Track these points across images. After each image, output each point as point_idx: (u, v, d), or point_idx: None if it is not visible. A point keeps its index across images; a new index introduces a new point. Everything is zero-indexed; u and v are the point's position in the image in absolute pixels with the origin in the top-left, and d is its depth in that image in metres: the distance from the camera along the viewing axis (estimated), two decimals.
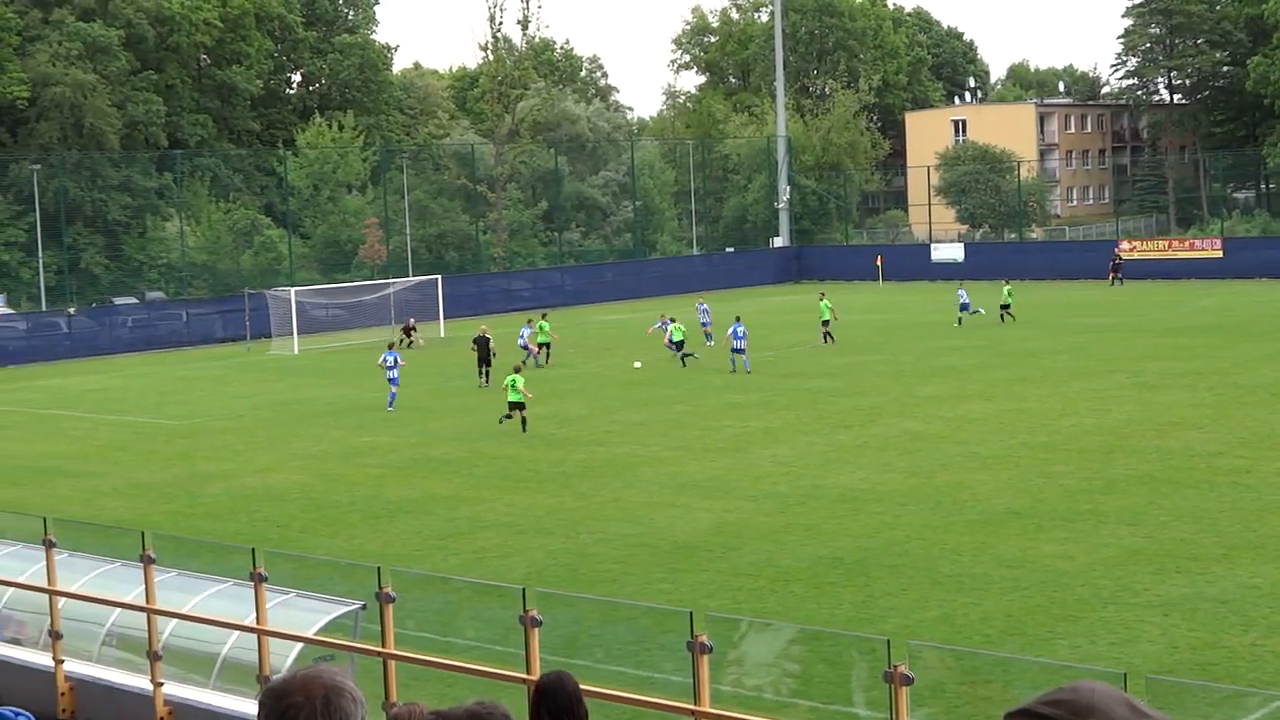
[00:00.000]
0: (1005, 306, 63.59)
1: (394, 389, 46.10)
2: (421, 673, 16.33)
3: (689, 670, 12.71)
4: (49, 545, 17.41)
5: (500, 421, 41.15)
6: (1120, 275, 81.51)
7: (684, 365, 52.59)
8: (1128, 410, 39.41)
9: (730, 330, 51.76)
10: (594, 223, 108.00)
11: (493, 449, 38.25)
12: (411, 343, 63.31)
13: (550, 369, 54.38)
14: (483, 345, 51.72)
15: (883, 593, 23.18)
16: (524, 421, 40.69)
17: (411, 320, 66.37)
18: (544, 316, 59.59)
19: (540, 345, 56.82)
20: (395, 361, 46.64)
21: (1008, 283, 67.14)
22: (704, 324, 59.83)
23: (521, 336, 57.01)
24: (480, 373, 51.01)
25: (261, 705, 3.82)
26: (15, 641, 19.01)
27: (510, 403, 40.97)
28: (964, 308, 63.68)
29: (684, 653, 12.79)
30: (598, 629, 21.21)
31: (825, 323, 58.15)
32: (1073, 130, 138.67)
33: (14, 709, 15.02)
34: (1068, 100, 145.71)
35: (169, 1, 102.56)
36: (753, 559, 25.63)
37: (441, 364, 57.31)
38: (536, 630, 13.17)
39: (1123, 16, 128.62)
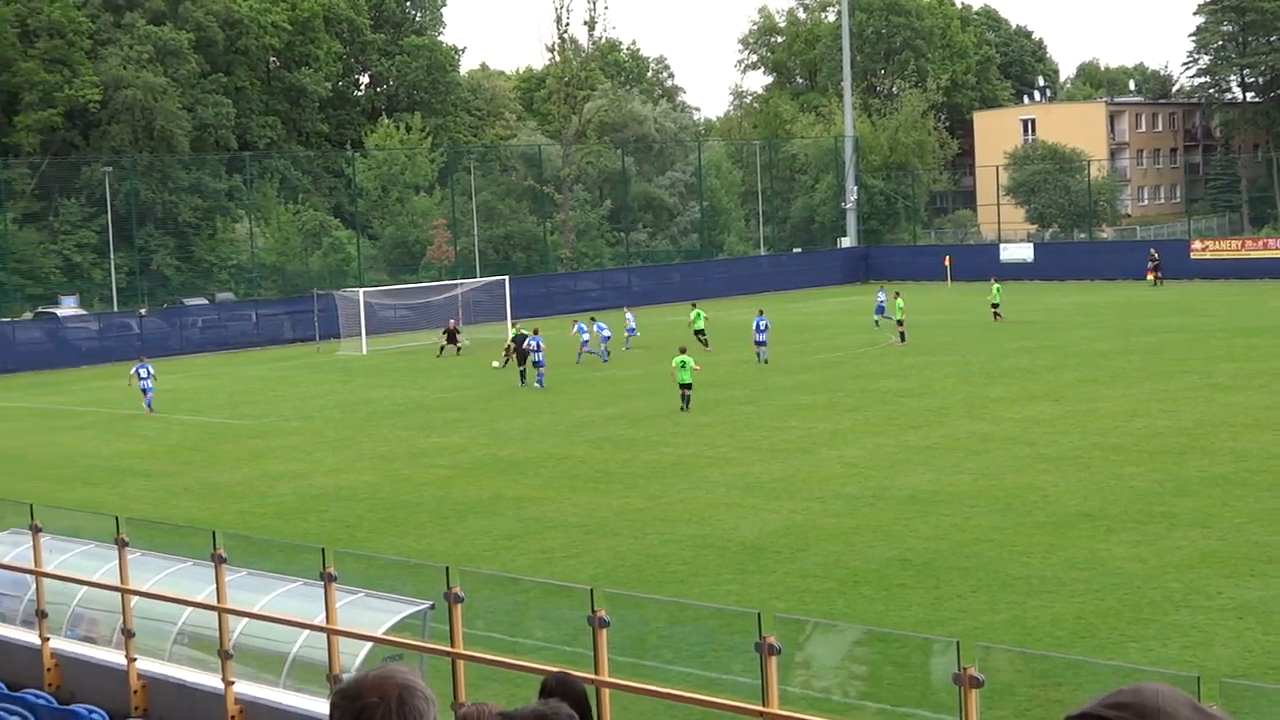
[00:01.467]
0: (994, 306, 64.22)
1: (541, 370, 50.44)
2: (490, 673, 16.34)
3: (757, 671, 12.66)
4: (122, 544, 17.54)
5: (683, 409, 43.00)
6: (1160, 275, 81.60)
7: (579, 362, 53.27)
8: (1200, 411, 39.01)
9: (754, 323, 54.76)
10: (661, 223, 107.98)
11: (560, 449, 38.29)
12: (460, 348, 62.71)
13: (616, 369, 54.41)
14: (518, 342, 52.77)
15: (952, 595, 23.04)
16: (687, 400, 43.18)
17: (452, 322, 65.63)
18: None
19: (697, 333, 59.22)
20: (538, 346, 50.93)
21: (996, 281, 67.42)
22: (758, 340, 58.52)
23: (583, 332, 57.67)
24: (520, 373, 51.76)
25: (334, 706, 3.81)
26: (89, 639, 19.17)
27: (681, 384, 43.15)
28: (880, 310, 64.96)
29: (752, 654, 12.74)
30: (666, 630, 21.18)
31: (900, 321, 57.96)
32: (1143, 129, 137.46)
33: (87, 706, 15.15)
34: (1138, 99, 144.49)
35: (238, 4, 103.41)
36: (821, 560, 25.54)
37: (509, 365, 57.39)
38: (605, 631, 13.15)
39: (1194, 14, 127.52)
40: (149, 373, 50.81)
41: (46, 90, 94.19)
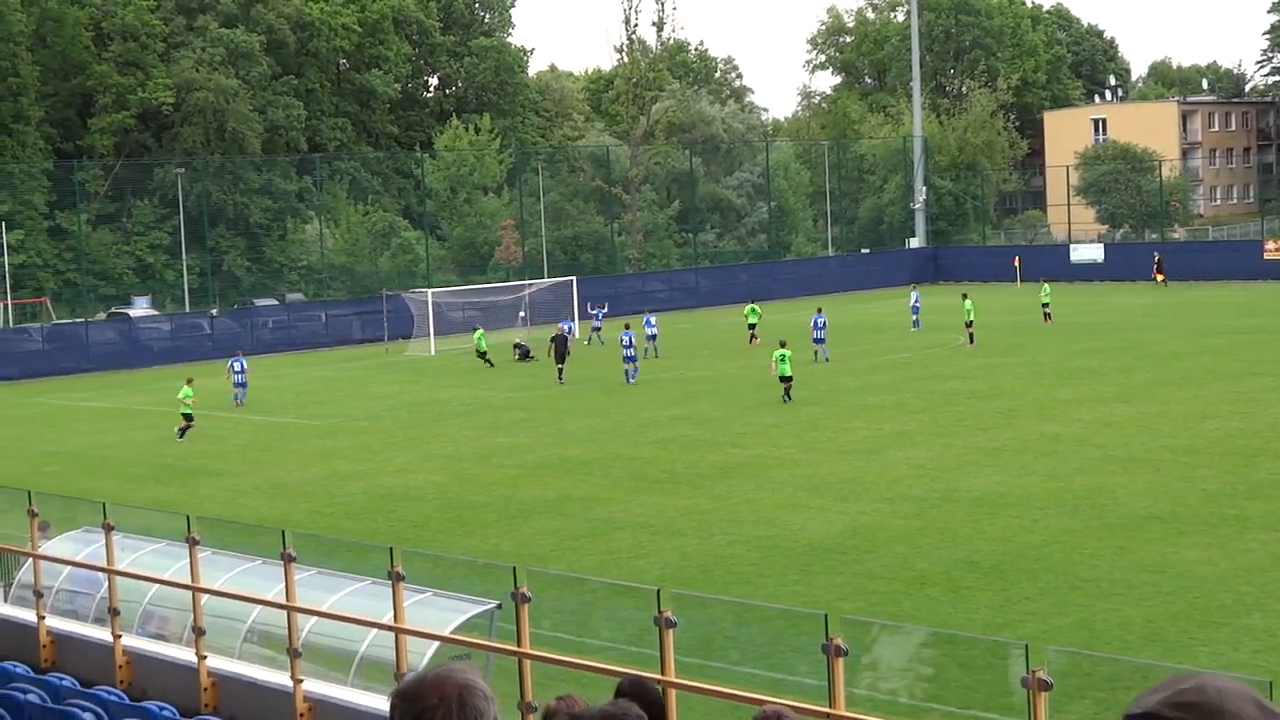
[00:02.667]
0: (1045, 306, 63.89)
1: (633, 365, 51.66)
2: (556, 673, 16.38)
3: (823, 673, 12.64)
4: (192, 543, 17.70)
5: (785, 399, 44.32)
6: (1165, 275, 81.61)
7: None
8: (1273, 413, 38.62)
9: (811, 321, 55.79)
10: (728, 224, 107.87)
11: (627, 450, 38.34)
12: (532, 357, 62.28)
13: (682, 370, 54.44)
14: (560, 343, 53.08)
15: (1020, 597, 22.92)
16: (788, 391, 44.52)
17: (518, 339, 64.71)
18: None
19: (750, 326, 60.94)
20: (630, 341, 52.07)
21: (1046, 283, 66.91)
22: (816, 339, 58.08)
23: (651, 326, 59.61)
24: (559, 370, 52.29)
25: (394, 708, 3.81)
26: (160, 637, 19.36)
27: (781, 377, 44.45)
28: (915, 310, 65.34)
29: (818, 655, 12.72)
30: (732, 630, 21.16)
31: (969, 323, 57.60)
32: (1216, 128, 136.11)
33: (158, 703, 15.30)
34: (1211, 98, 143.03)
35: (309, 7, 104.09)
36: (888, 562, 25.46)
37: (575, 365, 57.50)
38: (671, 631, 13.16)
39: (1269, 12, 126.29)
40: (242, 367, 52.27)
41: (120, 93, 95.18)
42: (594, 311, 68.74)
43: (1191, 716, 2.21)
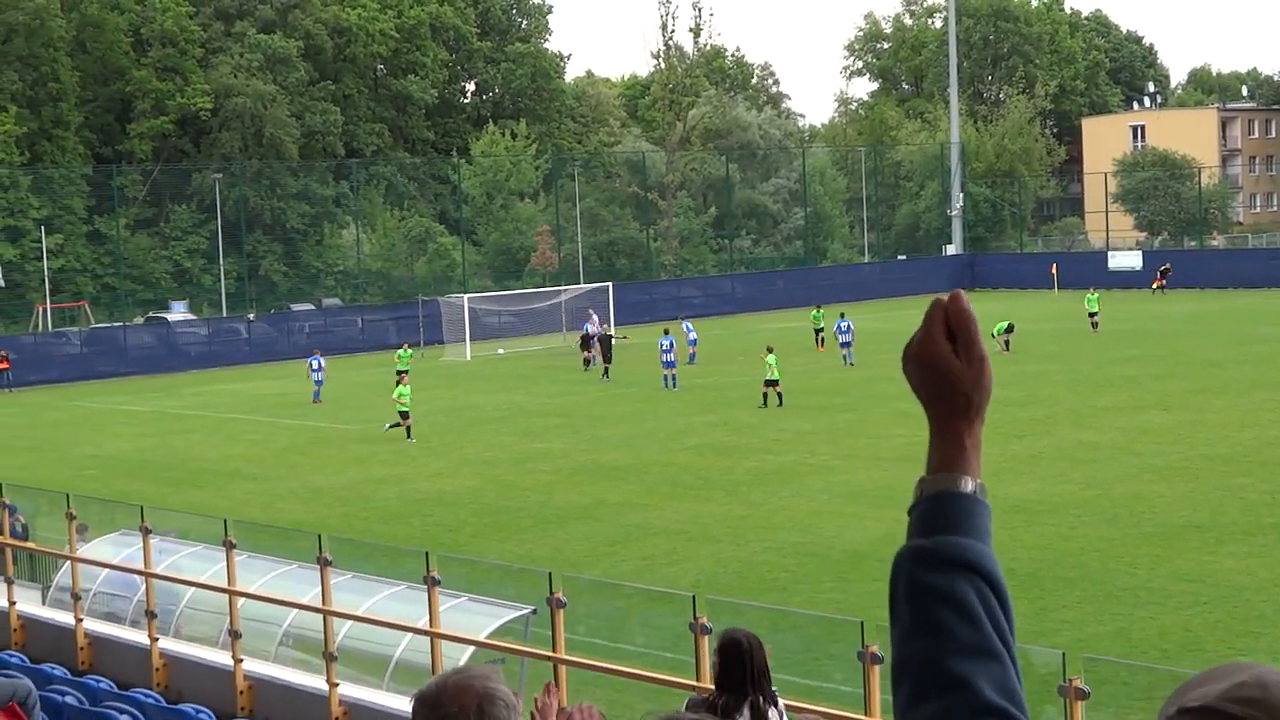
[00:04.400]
0: (1092, 315, 62.98)
1: (672, 371, 51.76)
2: (591, 678, 16.37)
3: (859, 680, 12.61)
4: (229, 546, 17.75)
5: (763, 405, 45.15)
6: (1165, 284, 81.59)
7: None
8: None
9: (835, 326, 56.13)
10: (765, 230, 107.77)
11: (662, 456, 38.32)
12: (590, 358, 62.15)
13: (718, 376, 54.40)
14: (605, 343, 53.52)
15: (1057, 605, 22.81)
16: (780, 398, 45.43)
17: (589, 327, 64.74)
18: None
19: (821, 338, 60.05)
20: (670, 345, 51.90)
21: (1093, 291, 65.99)
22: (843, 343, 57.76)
23: (691, 332, 59.45)
24: (605, 369, 52.71)
25: (415, 713, 3.81)
26: (196, 640, 19.42)
27: (767, 381, 45.55)
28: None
29: (854, 663, 12.68)
30: (767, 637, 21.02)
31: (1009, 328, 56.82)
32: (1256, 135, 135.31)
33: (195, 706, 15.35)
34: (1251, 105, 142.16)
35: (347, 13, 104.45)
36: None
37: (611, 370, 57.54)
38: (707, 638, 13.14)
39: None
40: (319, 365, 53.72)
41: (159, 98, 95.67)
42: (585, 325, 67.27)
43: (1257, 712, 2.13)
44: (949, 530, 2.59)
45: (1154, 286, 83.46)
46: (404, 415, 43.15)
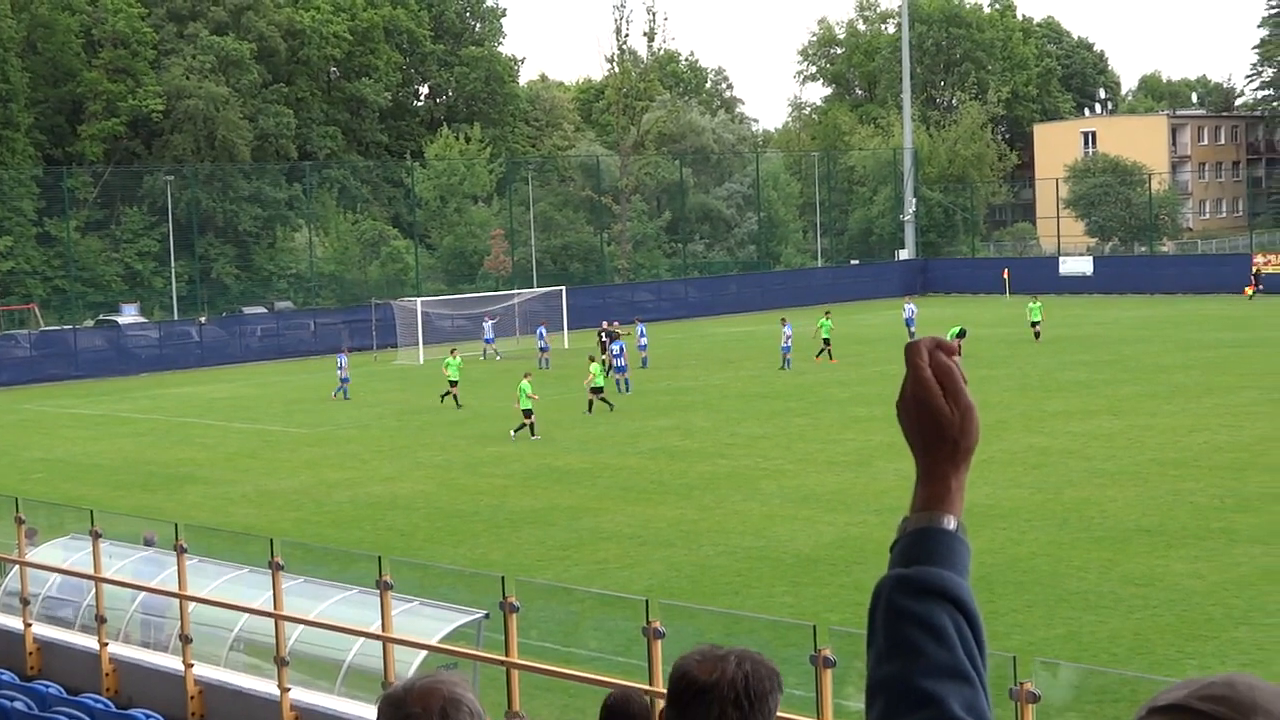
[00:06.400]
0: (1035, 324, 62.53)
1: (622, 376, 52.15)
2: (544, 683, 16.38)
3: (812, 684, 12.64)
4: (180, 551, 17.67)
5: (589, 411, 44.32)
6: (1261, 287, 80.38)
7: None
8: (1262, 427, 38.65)
9: (782, 332, 56.82)
10: (718, 234, 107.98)
11: (615, 460, 38.32)
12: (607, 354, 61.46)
13: (671, 381, 54.45)
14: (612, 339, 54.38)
15: (1007, 609, 22.91)
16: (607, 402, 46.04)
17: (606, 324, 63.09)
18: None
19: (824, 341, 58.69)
20: (621, 350, 53.11)
21: (1035, 300, 65.41)
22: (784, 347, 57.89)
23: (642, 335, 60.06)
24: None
25: (381, 713, 3.82)
26: (146, 645, 19.32)
27: (592, 389, 45.84)
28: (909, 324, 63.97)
29: (807, 666, 12.72)
30: (720, 641, 21.11)
31: (957, 335, 57.16)
32: (1206, 142, 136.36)
33: (145, 711, 15.27)
34: (1201, 112, 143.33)
35: (300, 15, 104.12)
36: (877, 573, 24.86)
37: (563, 374, 57.49)
38: (659, 642, 13.16)
39: (1258, 26, 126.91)
40: (343, 364, 55.10)
41: (110, 100, 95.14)
42: (486, 324, 67.60)
43: (1226, 709, 2.18)
44: (929, 562, 2.72)
45: (1248, 292, 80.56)
46: (526, 414, 42.63)
